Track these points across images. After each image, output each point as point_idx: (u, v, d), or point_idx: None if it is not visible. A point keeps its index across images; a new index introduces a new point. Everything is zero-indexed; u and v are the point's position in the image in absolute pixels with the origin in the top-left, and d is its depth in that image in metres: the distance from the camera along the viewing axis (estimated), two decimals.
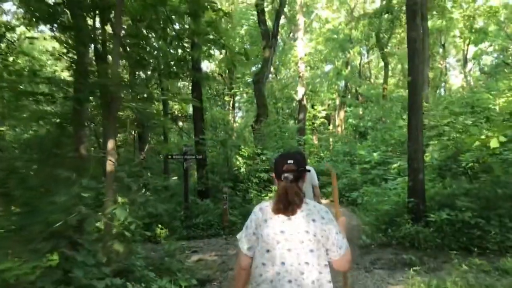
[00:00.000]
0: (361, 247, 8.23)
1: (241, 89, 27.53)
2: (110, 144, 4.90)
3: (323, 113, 33.45)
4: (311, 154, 23.19)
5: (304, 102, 24.69)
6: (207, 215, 10.11)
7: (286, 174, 2.28)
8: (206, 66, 34.98)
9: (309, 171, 2.43)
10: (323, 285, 2.22)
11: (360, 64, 36.05)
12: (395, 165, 14.12)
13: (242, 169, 11.79)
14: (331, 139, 28.80)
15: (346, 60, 31.78)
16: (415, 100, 8.92)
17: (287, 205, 2.23)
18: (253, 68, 22.10)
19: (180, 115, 18.79)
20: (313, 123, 32.21)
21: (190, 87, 13.17)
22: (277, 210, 2.26)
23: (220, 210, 10.13)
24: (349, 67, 31.81)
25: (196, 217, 9.98)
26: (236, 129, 20.60)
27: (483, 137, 9.25)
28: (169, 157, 10.87)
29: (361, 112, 27.83)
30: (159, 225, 9.45)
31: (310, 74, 30.58)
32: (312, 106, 33.33)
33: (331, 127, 34.99)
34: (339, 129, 31.53)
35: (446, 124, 10.34)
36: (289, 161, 2.32)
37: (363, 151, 15.97)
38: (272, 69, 30.15)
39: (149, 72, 8.73)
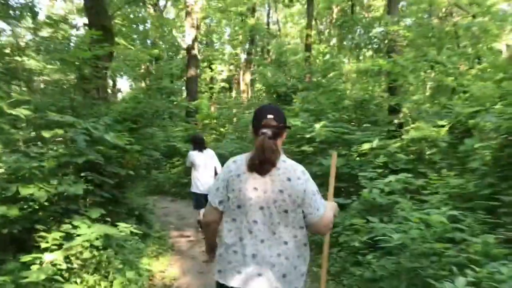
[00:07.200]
0: None
1: None
2: None
3: (224, 75, 25.72)
4: (207, 127, 15.50)
5: (196, 51, 16.73)
6: None
7: (264, 130, 2.13)
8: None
9: (289, 127, 2.26)
10: (298, 248, 2.13)
11: (268, 15, 28.87)
12: (366, 146, 7.03)
13: None
14: (234, 110, 21.00)
15: (252, 5, 24.17)
16: None
17: (263, 162, 2.09)
18: None
19: None
20: (211, 88, 24.37)
21: None
22: (251, 167, 2.11)
23: None
24: (255, 15, 24.39)
25: None
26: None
27: None
28: None
29: (269, 75, 20.43)
30: None
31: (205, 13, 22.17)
32: (209, 66, 25.44)
33: (234, 93, 27.35)
34: (245, 95, 24.13)
35: None
36: (269, 116, 2.16)
37: (297, 121, 8.61)
38: None
39: None
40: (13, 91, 5.33)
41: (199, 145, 7.06)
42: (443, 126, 6.44)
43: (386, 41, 9.03)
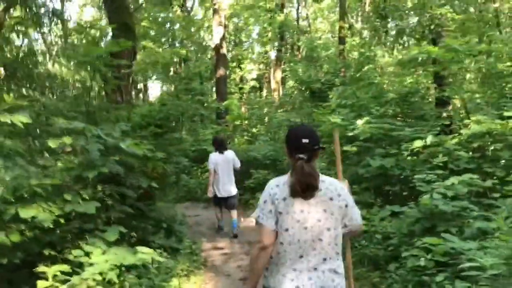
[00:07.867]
0: None
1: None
2: None
3: (254, 74, 25.08)
4: (238, 129, 14.90)
5: (224, 51, 16.18)
6: None
7: (301, 155, 2.15)
8: None
9: (323, 148, 2.30)
10: (340, 263, 2.24)
11: (297, 11, 28.06)
12: (418, 143, 6.19)
13: None
14: (266, 109, 20.25)
15: (280, 2, 23.41)
16: None
17: (305, 188, 2.13)
18: None
19: None
20: (241, 88, 23.80)
21: None
22: (295, 193, 2.15)
23: None
24: (285, 11, 23.62)
25: None
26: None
27: None
28: None
29: (301, 71, 19.57)
30: None
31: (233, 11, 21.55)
32: (239, 66, 24.88)
33: (264, 92, 26.68)
34: (276, 94, 23.41)
35: None
36: (304, 140, 2.17)
37: (336, 119, 7.87)
38: None
39: None
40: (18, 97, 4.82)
41: (220, 147, 7.10)
42: (510, 118, 5.56)
43: (432, 27, 8.13)
